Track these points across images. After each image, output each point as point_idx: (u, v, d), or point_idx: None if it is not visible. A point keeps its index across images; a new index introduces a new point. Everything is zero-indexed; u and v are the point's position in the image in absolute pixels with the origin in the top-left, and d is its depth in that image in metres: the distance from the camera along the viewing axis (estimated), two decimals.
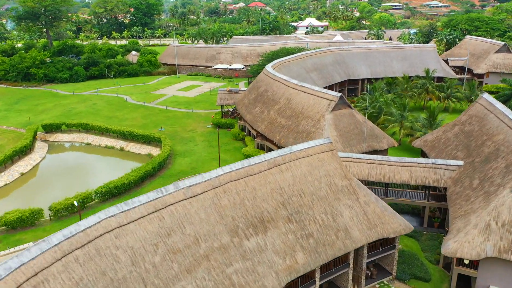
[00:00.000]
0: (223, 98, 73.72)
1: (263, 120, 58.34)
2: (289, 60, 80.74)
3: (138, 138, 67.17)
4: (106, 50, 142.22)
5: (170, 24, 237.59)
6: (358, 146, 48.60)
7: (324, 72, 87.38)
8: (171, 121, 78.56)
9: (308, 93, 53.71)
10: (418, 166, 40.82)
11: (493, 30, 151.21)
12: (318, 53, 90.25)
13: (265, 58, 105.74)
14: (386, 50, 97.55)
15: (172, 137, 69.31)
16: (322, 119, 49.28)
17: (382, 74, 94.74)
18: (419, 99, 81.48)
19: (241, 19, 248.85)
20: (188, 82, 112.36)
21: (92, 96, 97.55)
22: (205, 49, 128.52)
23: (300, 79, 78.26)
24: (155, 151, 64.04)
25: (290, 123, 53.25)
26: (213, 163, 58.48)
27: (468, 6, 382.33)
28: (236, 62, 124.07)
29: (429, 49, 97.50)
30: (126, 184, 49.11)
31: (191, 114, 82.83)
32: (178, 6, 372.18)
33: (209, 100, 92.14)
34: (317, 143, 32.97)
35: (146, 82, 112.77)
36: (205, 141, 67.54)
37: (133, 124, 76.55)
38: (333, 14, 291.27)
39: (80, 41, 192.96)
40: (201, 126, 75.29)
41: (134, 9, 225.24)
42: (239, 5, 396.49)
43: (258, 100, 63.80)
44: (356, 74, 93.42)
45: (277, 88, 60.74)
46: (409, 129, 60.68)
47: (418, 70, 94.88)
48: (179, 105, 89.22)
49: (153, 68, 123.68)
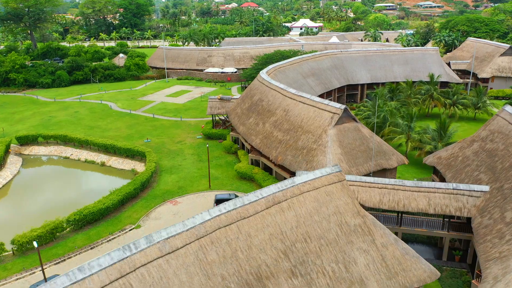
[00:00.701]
0: (214, 106, 68.06)
1: (258, 133, 52.80)
2: (285, 65, 75.28)
3: (121, 151, 61.31)
4: (92, 52, 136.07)
5: (161, 25, 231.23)
6: (365, 165, 43.23)
7: (322, 78, 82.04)
8: (158, 131, 72.73)
9: (308, 104, 48.26)
10: (437, 191, 35.49)
11: (493, 32, 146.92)
12: (315, 57, 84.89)
13: (259, 62, 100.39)
14: (386, 53, 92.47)
15: (158, 150, 63.55)
16: (324, 135, 43.86)
17: (383, 79, 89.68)
18: (423, 106, 76.40)
19: (233, 19, 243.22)
20: (178, 87, 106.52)
21: (74, 103, 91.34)
22: (195, 51, 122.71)
23: (297, 85, 73.01)
24: (139, 167, 58.25)
25: (288, 137, 47.76)
26: (203, 181, 52.83)
27: (461, 7, 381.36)
28: (228, 65, 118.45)
29: (432, 52, 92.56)
30: (103, 209, 43.29)
31: (180, 123, 77.04)
32: (169, 7, 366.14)
33: (199, 107, 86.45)
34: (323, 172, 27.51)
35: (133, 87, 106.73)
36: (195, 155, 61.81)
37: (117, 135, 70.65)
38: (327, 15, 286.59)
39: (67, 43, 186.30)
40: (191, 136, 69.56)
41: (123, 9, 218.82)
42: (232, 5, 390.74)
43: (252, 110, 58.25)
44: (355, 79, 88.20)
45: (273, 98, 55.23)
46: (417, 141, 55.47)
47: (421, 75, 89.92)
48: (167, 112, 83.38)
49: (141, 72, 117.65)
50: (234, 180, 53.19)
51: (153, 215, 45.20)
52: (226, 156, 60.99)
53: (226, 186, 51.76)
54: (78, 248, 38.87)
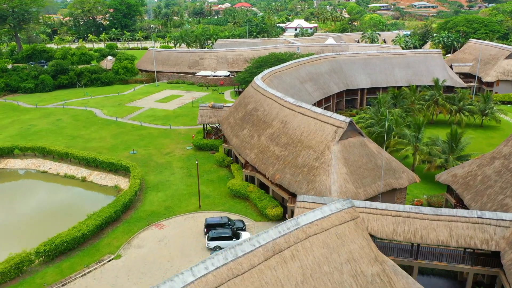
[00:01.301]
0: (205, 115, 63.13)
1: (253, 147, 47.98)
2: (281, 70, 70.56)
3: (103, 165, 56.24)
4: (79, 55, 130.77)
5: (152, 26, 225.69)
6: (374, 185, 38.58)
7: (320, 82, 77.42)
8: (146, 141, 67.69)
9: (308, 116, 43.52)
10: (459, 220, 30.89)
11: (493, 33, 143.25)
12: (312, 61, 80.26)
13: (253, 65, 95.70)
14: (386, 56, 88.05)
15: (144, 163, 58.55)
16: (327, 151, 39.15)
17: (384, 83, 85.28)
18: (427, 112, 71.99)
19: (226, 20, 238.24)
20: (168, 92, 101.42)
21: (57, 110, 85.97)
22: (187, 54, 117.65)
23: (294, 91, 68.40)
24: (123, 182, 53.22)
25: (286, 153, 43.00)
26: (192, 200, 47.92)
27: (455, 7, 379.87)
28: (221, 68, 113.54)
29: (435, 55, 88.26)
30: (78, 237, 38.26)
31: (169, 132, 72.04)
32: (161, 7, 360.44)
33: (190, 114, 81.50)
34: (333, 209, 22.80)
35: (121, 91, 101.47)
36: (184, 168, 56.85)
37: (101, 146, 65.55)
38: (321, 15, 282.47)
39: (54, 45, 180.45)
40: (180, 147, 64.60)
41: (113, 10, 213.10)
42: (225, 5, 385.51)
43: (246, 120, 53.42)
44: (355, 83, 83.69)
45: (269, 107, 50.44)
46: (426, 154, 50.94)
47: (424, 79, 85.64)
48: (156, 120, 78.32)
49: (129, 76, 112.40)
50: (227, 198, 48.34)
51: (136, 242, 40.21)
52: (218, 170, 56.09)
53: (218, 205, 46.90)
54: (47, 285, 33.82)
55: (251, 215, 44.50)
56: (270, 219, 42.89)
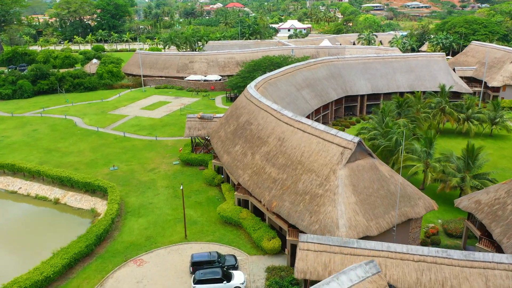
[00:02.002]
0: (193, 127, 57.32)
1: (246, 167, 42.35)
2: (276, 76, 65.03)
3: (79, 185, 50.29)
4: (63, 58, 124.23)
5: (141, 27, 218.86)
6: (387, 216, 33.14)
7: (318, 89, 72.02)
8: (129, 154, 61.79)
9: (310, 134, 37.98)
10: (497, 268, 25.58)
11: (492, 34, 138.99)
12: (309, 65, 74.83)
13: (246, 69, 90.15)
14: (387, 60, 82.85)
15: (125, 182, 52.69)
16: (332, 176, 33.63)
17: (385, 89, 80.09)
18: (434, 121, 66.86)
19: (218, 21, 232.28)
20: (155, 98, 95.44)
21: (34, 119, 79.65)
22: (176, 57, 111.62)
23: (290, 99, 62.96)
24: (100, 205, 47.35)
25: (284, 176, 37.42)
26: (178, 228, 42.19)
27: (448, 7, 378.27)
28: (212, 72, 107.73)
29: (438, 59, 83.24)
30: (40, 281, 32.36)
31: (155, 143, 66.18)
32: (152, 7, 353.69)
33: (178, 123, 75.70)
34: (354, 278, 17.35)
35: (105, 98, 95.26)
36: (169, 188, 51.05)
37: (78, 161, 59.55)
38: (315, 16, 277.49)
39: (39, 47, 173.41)
40: (166, 162, 58.78)
41: (101, 10, 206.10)
42: (217, 5, 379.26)
43: (238, 134, 47.78)
44: (354, 89, 78.39)
45: (264, 121, 44.84)
46: (440, 173, 45.66)
47: (427, 84, 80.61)
48: (141, 130, 72.40)
49: (115, 80, 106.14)
50: (217, 225, 42.65)
51: (110, 284, 34.37)
52: (207, 190, 50.36)
53: (207, 234, 41.19)
54: None
55: (245, 247, 38.87)
56: (266, 253, 37.30)
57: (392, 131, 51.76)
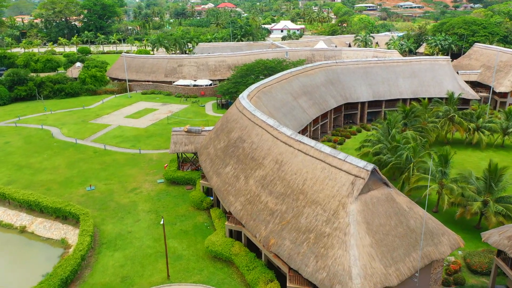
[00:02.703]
0: (179, 142, 51.45)
1: (238, 193, 36.66)
2: (271, 84, 59.39)
3: (48, 211, 44.28)
4: (44, 61, 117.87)
5: (130, 28, 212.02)
6: (408, 260, 27.65)
7: (316, 96, 66.53)
8: (108, 171, 55.79)
9: (313, 157, 32.39)
10: None
11: (492, 35, 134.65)
12: (306, 71, 69.32)
13: (238, 73, 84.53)
14: (389, 64, 77.62)
15: (102, 205, 46.74)
16: (342, 211, 28.08)
17: (387, 95, 74.84)
18: (442, 131, 61.70)
19: (209, 21, 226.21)
20: (141, 104, 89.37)
21: (8, 129, 73.25)
22: (164, 60, 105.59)
23: (286, 109, 57.40)
24: (72, 235, 41.43)
25: (283, 208, 31.80)
26: (159, 264, 36.37)
27: (441, 7, 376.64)
28: (202, 76, 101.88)
29: (442, 63, 78.18)
30: None
31: (138, 158, 60.24)
32: (142, 7, 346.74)
33: (165, 133, 69.83)
34: None
35: (88, 105, 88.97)
36: (152, 213, 45.18)
37: (52, 179, 53.46)
38: (308, 16, 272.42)
39: (21, 49, 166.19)
40: (149, 180, 52.89)
41: (87, 11, 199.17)
42: (208, 5, 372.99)
43: (229, 153, 42.07)
44: (354, 96, 73.01)
45: (259, 139, 39.17)
46: (458, 196, 40.31)
47: (431, 90, 75.52)
48: (124, 142, 66.38)
49: (98, 86, 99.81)
50: (206, 261, 36.87)
51: None
52: (195, 215, 44.57)
53: (193, 273, 35.41)
54: None
55: None
56: None
57: (402, 147, 46.37)
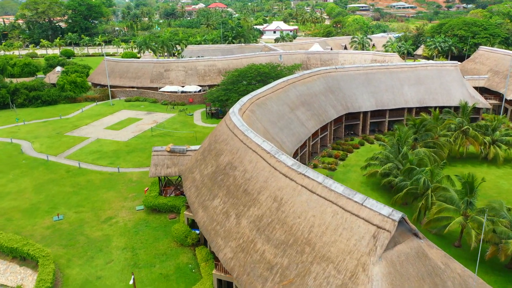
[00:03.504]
0: (161, 164, 44.74)
1: (229, 236, 30.11)
2: (265, 94, 52.86)
3: (4, 250, 37.38)
4: (22, 66, 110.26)
5: (117, 29, 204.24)
6: None
7: (315, 107, 60.19)
8: (81, 195, 48.92)
9: (321, 197, 25.95)
10: None
11: (493, 37, 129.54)
12: (304, 78, 62.94)
13: (228, 79, 77.99)
14: (393, 70, 71.49)
15: (70, 240, 39.91)
16: (362, 274, 21.70)
17: (391, 104, 68.71)
18: (454, 145, 55.65)
19: (199, 22, 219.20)
20: (124, 113, 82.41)
21: None
22: (149, 65, 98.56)
23: (283, 123, 51.01)
24: (30, 280, 34.62)
25: (285, 261, 25.34)
26: None
27: (434, 7, 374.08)
28: (191, 81, 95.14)
29: (450, 68, 72.22)
30: None
31: (116, 178, 53.44)
32: (131, 8, 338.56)
33: (148, 147, 63.11)
34: None
35: (65, 114, 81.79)
36: (128, 250, 38.45)
37: (15, 207, 46.51)
38: (301, 16, 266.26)
39: (1, 51, 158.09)
40: (127, 206, 46.14)
41: (72, 11, 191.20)
42: (199, 6, 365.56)
43: (218, 182, 35.51)
44: (356, 105, 66.80)
45: (253, 167, 32.67)
46: (489, 232, 34.12)
47: (439, 98, 69.56)
48: (102, 158, 59.51)
49: (78, 92, 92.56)
50: None
51: None
52: (178, 253, 37.91)
53: None
54: None
55: None
56: None
57: (418, 170, 40.10)
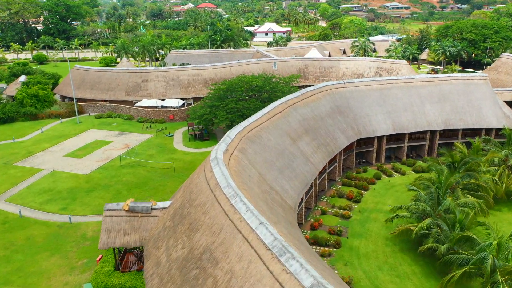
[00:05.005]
0: (116, 229, 32.14)
1: None
2: (260, 123, 40.60)
3: None
4: None
5: (98, 31, 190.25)
6: None
7: (321, 134, 48.06)
8: (12, 264, 36.24)
9: None
10: None
11: (506, 41, 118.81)
12: (307, 97, 50.73)
13: (215, 94, 65.73)
14: (411, 84, 59.64)
15: None
16: None
17: (411, 126, 56.80)
18: (500, 186, 43.79)
19: (187, 23, 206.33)
20: (92, 134, 69.60)
21: None
22: (125, 74, 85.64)
23: (284, 161, 38.91)
24: None
25: None
26: None
27: (428, 8, 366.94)
28: (172, 94, 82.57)
29: (479, 82, 60.53)
30: None
31: (67, 232, 40.80)
32: (117, 8, 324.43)
33: (113, 183, 50.67)
34: None
35: (21, 135, 68.74)
36: None
37: None
38: (293, 17, 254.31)
39: None
40: (72, 284, 33.55)
41: (48, 12, 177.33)
42: (188, 6, 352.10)
43: (189, 279, 23.20)
44: (369, 129, 54.83)
45: (244, 270, 20.36)
46: None
47: (468, 119, 57.85)
48: (52, 201, 46.80)
49: (41, 108, 79.35)
50: None
51: None
52: None
53: None
54: None
55: None
56: None
57: (482, 246, 28.08)
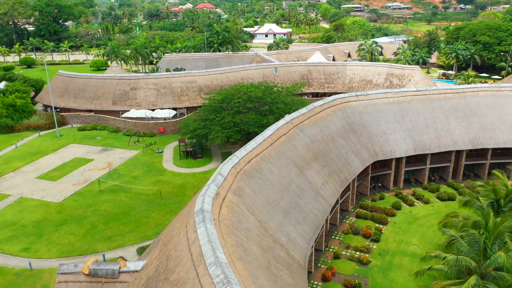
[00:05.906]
0: None
1: None
2: (261, 150, 33.18)
3: None
4: None
5: (91, 32, 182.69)
6: None
7: (333, 158, 40.63)
8: None
9: None
10: None
11: None
12: (315, 114, 43.26)
13: (210, 105, 58.26)
14: (433, 96, 52.15)
15: None
16: None
17: (434, 146, 49.33)
18: None
19: (184, 24, 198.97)
20: (72, 150, 62.16)
21: None
22: (112, 81, 78.10)
23: (289, 199, 31.54)
24: None
25: None
26: None
27: (431, 8, 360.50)
28: (164, 103, 75.14)
29: (510, 94, 53.12)
30: None
31: (25, 281, 33.33)
32: (114, 8, 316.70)
33: (88, 214, 43.34)
34: None
35: None
36: None
37: None
38: (294, 18, 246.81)
39: None
40: None
41: (39, 12, 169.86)
42: (186, 6, 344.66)
43: None
44: (387, 149, 47.40)
45: None
46: None
47: (499, 137, 50.39)
48: (15, 238, 39.38)
49: (18, 119, 71.96)
50: None
51: None
52: None
53: None
54: None
55: None
56: None
57: None
